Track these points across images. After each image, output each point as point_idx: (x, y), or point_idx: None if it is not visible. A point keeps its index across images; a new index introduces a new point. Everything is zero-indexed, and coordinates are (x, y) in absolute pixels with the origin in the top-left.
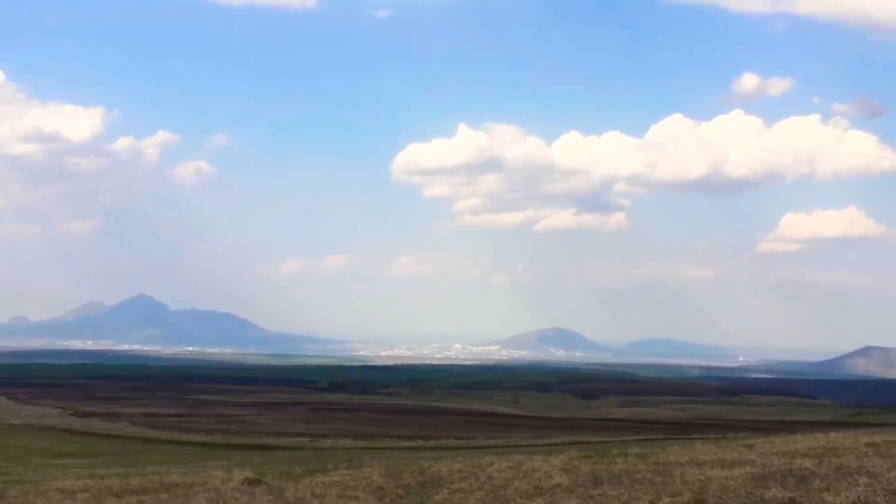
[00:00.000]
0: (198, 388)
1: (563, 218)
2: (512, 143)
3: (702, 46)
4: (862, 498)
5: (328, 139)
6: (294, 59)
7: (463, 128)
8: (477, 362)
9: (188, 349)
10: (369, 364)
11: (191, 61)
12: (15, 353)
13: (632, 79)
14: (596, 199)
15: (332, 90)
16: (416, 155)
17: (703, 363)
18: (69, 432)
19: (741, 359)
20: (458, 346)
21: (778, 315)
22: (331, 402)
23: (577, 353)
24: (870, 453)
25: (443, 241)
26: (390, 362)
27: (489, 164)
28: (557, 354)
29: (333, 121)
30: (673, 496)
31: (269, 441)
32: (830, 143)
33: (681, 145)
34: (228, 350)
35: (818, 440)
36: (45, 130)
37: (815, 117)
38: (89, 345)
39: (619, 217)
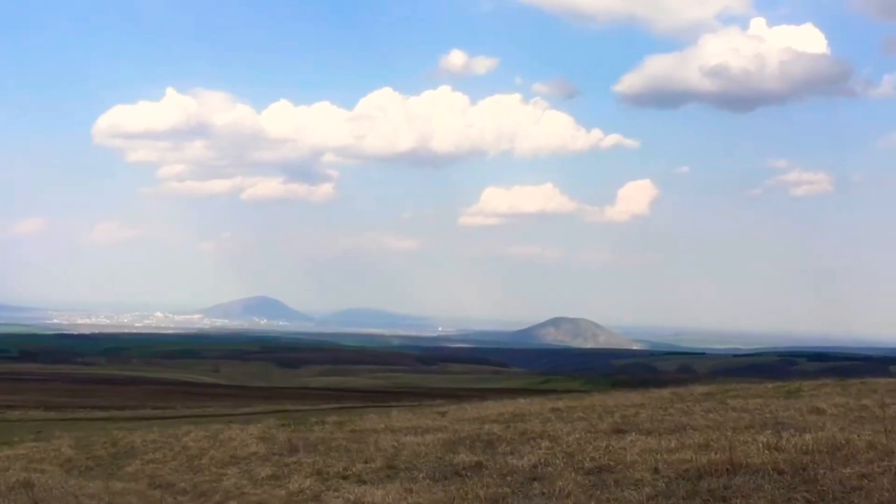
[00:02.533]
0: None
1: (271, 186)
2: (221, 109)
3: (412, 21)
4: (543, 460)
5: (24, 96)
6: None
7: (171, 92)
8: (179, 331)
9: None
10: (64, 332)
11: None
12: None
13: (344, 50)
14: (305, 169)
15: (31, 43)
16: (120, 118)
17: (405, 333)
18: None
19: (440, 329)
20: (159, 314)
21: (477, 286)
22: (21, 371)
23: (281, 323)
24: (553, 418)
25: (146, 207)
26: (87, 331)
27: (197, 130)
28: (261, 324)
29: (31, 76)
30: (366, 462)
31: None
32: (530, 121)
33: (389, 118)
34: None
35: (507, 406)
36: None
37: (516, 96)
38: None
39: (326, 187)
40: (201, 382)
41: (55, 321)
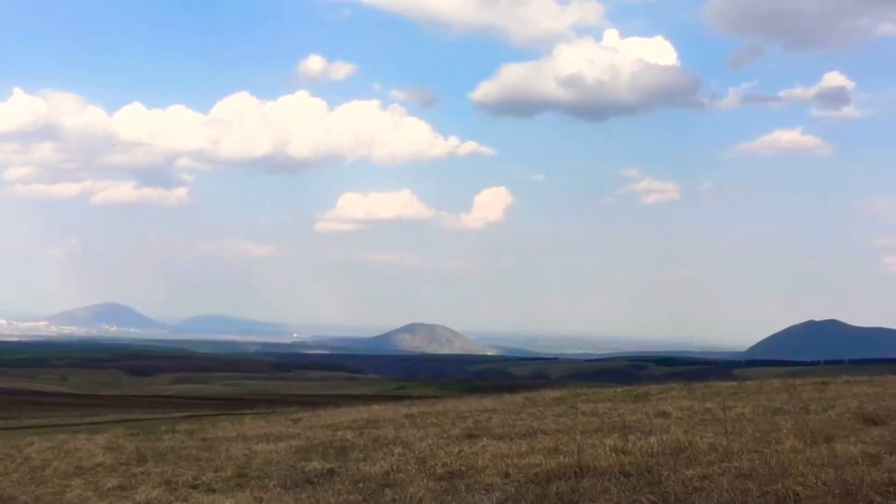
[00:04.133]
0: None
1: (122, 191)
2: (72, 111)
3: (269, 25)
4: (395, 466)
5: None
6: None
7: (18, 92)
8: (23, 339)
9: None
10: None
11: None
12: None
13: (200, 53)
14: (158, 173)
15: None
16: None
17: (260, 339)
18: None
19: (295, 335)
20: (2, 321)
21: (333, 293)
22: None
23: (132, 330)
24: (406, 424)
25: None
26: None
27: (45, 132)
28: (111, 331)
29: None
30: (216, 471)
31: None
32: (389, 128)
33: (246, 123)
34: None
35: (361, 413)
36: None
37: (375, 103)
38: None
39: (181, 192)
40: (48, 392)
41: None
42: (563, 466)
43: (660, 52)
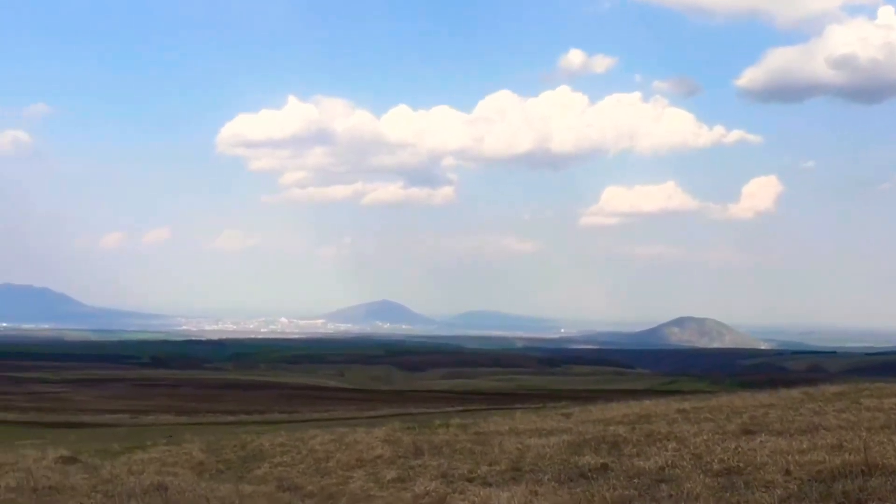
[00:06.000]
0: (11, 366)
1: (390, 191)
2: (341, 115)
3: (529, 23)
4: (669, 462)
5: (152, 109)
6: (119, 26)
7: (292, 100)
8: (303, 336)
9: (1, 325)
10: (193, 339)
11: (8, 28)
12: None
13: (461, 54)
14: (424, 173)
15: (158, 59)
16: (242, 127)
17: (527, 335)
18: None
19: (563, 330)
20: (283, 320)
21: (599, 287)
22: (152, 377)
23: (404, 327)
24: (679, 419)
25: (269, 214)
26: (214, 337)
27: (318, 137)
28: (384, 328)
29: (158, 90)
30: (491, 464)
31: (87, 419)
32: (651, 119)
33: (508, 120)
34: (45, 326)
35: (632, 408)
36: None
37: (636, 95)
38: None
39: (446, 190)
40: (326, 386)
41: (184, 328)
42: (848, 464)
43: None
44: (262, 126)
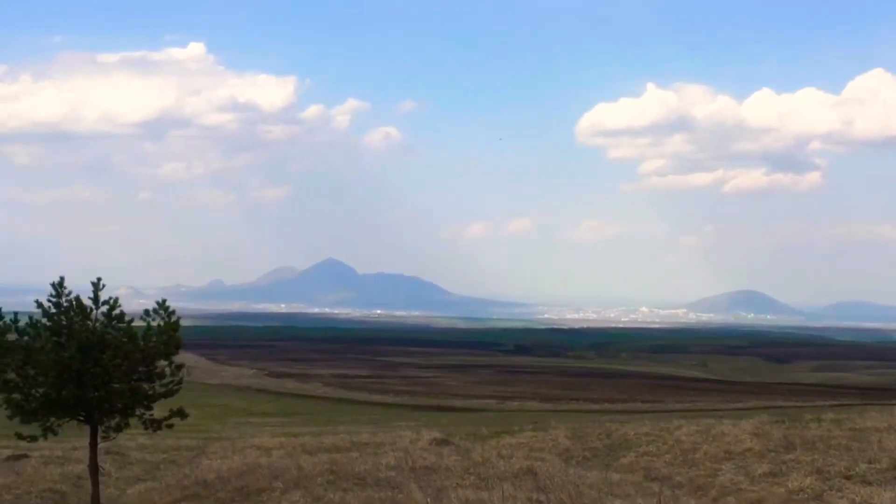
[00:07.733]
0: (386, 351)
1: (753, 178)
2: (701, 102)
3: None
4: None
5: (513, 103)
6: (480, 24)
7: (651, 87)
8: (664, 326)
9: (377, 312)
10: (555, 327)
11: (380, 30)
12: (212, 316)
13: (829, 33)
14: (788, 158)
15: (518, 55)
16: (601, 117)
17: None
18: (264, 392)
19: None
20: (644, 309)
21: None
22: (517, 364)
23: (768, 317)
24: None
25: (628, 203)
26: (576, 325)
27: (677, 125)
28: (747, 318)
29: (518, 85)
30: (870, 462)
31: (457, 403)
32: None
33: (882, 101)
34: (416, 313)
35: None
36: (239, 100)
37: None
38: (282, 308)
39: (813, 176)
40: (689, 377)
41: (546, 316)
42: None
43: None
44: (620, 115)
